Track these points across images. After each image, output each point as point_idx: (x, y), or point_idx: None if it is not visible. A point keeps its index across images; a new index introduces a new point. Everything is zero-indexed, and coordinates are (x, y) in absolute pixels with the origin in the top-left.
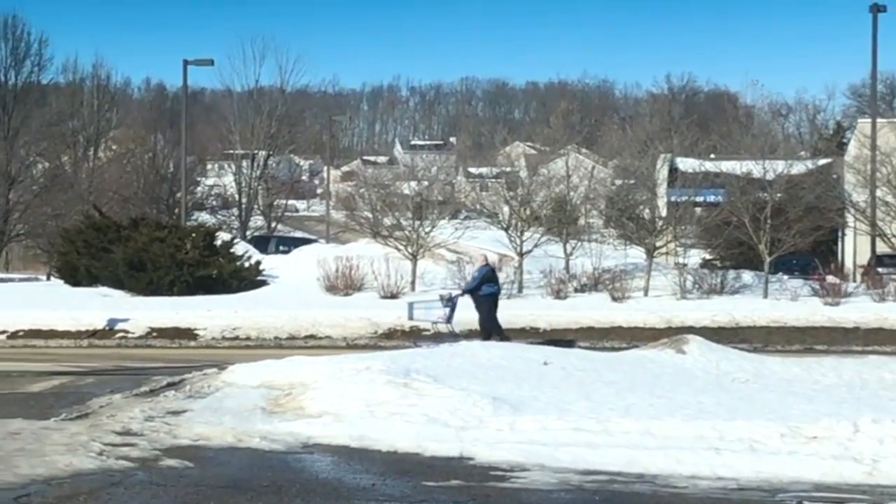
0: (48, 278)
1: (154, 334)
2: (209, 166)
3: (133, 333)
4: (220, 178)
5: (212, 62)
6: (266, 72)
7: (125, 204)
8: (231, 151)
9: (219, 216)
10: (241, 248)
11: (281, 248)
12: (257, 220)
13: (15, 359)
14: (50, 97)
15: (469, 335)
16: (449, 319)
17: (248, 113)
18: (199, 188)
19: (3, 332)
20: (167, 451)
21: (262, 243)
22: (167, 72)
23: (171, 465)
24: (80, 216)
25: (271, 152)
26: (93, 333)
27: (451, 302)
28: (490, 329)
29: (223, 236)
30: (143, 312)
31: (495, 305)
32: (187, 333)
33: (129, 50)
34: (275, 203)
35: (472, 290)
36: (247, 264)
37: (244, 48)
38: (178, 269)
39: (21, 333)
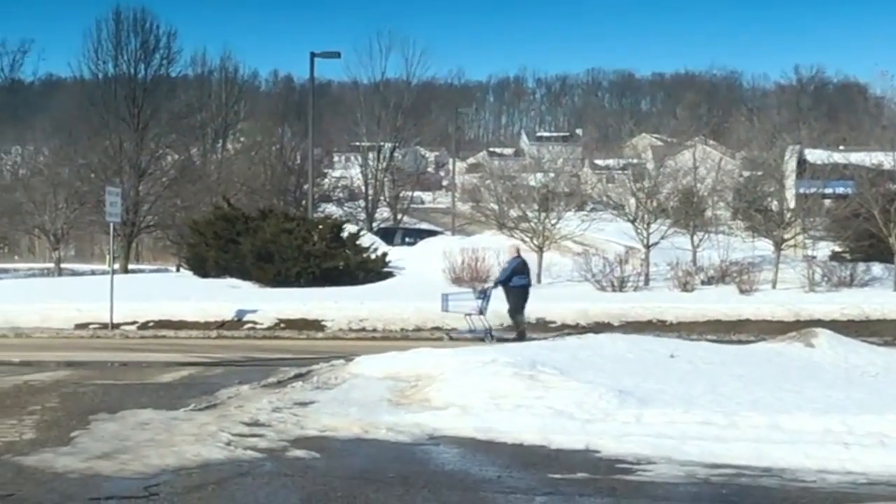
0: (177, 270)
1: (282, 325)
2: (336, 158)
3: (261, 324)
4: (347, 170)
5: (338, 55)
6: (392, 64)
7: (253, 196)
8: (357, 143)
9: (345, 208)
10: (367, 239)
11: (407, 239)
12: (383, 212)
13: (145, 349)
14: (179, 90)
15: (505, 329)
16: (482, 311)
17: (375, 105)
18: (325, 180)
19: (134, 322)
20: (294, 442)
21: (388, 235)
22: (294, 64)
23: (298, 455)
24: (208, 208)
25: (397, 144)
26: (221, 324)
27: (483, 294)
28: (514, 320)
29: (350, 228)
30: (270, 304)
31: (525, 297)
32: (314, 325)
33: (256, 43)
34: (401, 195)
35: (503, 282)
36: (373, 256)
37: (370, 41)
38: (305, 261)
39: (151, 324)
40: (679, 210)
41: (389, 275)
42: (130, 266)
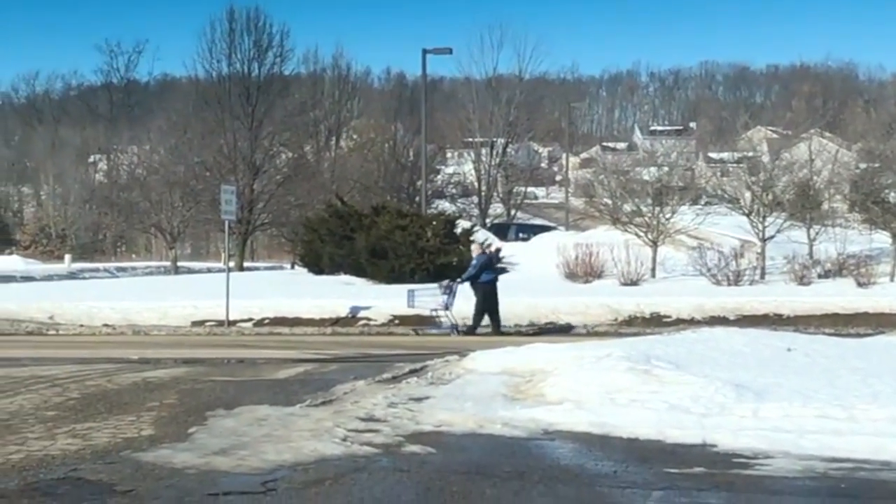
0: (292, 266)
1: (396, 322)
2: (449, 154)
3: (375, 321)
4: (460, 166)
5: (450, 51)
6: (504, 59)
7: (366, 192)
8: (470, 139)
9: (459, 204)
10: (480, 235)
11: (520, 235)
12: (497, 208)
13: (260, 346)
14: (292, 88)
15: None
16: (448, 307)
17: (487, 101)
18: (439, 176)
19: (249, 319)
20: (410, 437)
21: (501, 231)
22: (406, 61)
23: (414, 451)
24: (322, 205)
25: (510, 140)
26: (336, 321)
27: (449, 290)
28: (477, 318)
29: (463, 224)
30: (384, 300)
31: (494, 293)
32: (428, 320)
33: (368, 40)
34: (514, 190)
35: (471, 278)
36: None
37: (482, 36)
38: (419, 257)
39: (266, 321)
40: (795, 203)
41: (503, 270)
42: (246, 263)
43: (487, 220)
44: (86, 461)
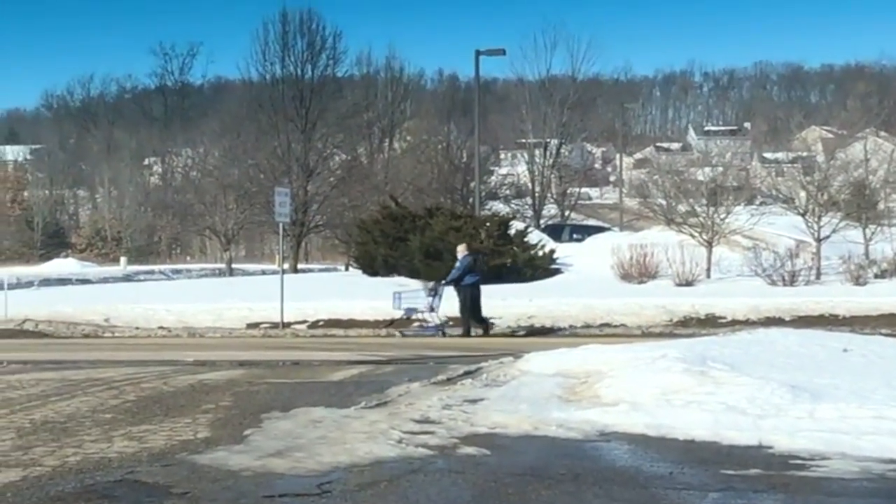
0: (346, 268)
1: (450, 323)
2: (502, 155)
3: (429, 322)
4: (513, 167)
5: (503, 52)
6: (557, 60)
7: (420, 194)
8: (524, 140)
9: (512, 205)
10: (534, 236)
11: (574, 236)
12: (550, 209)
13: (315, 348)
14: (345, 90)
15: (454, 325)
16: (433, 309)
17: (540, 102)
18: (492, 177)
19: (304, 321)
20: (465, 439)
21: (555, 231)
22: (459, 62)
23: (468, 452)
24: (376, 206)
25: (563, 140)
26: (390, 322)
27: (434, 291)
28: (466, 318)
29: (517, 225)
30: (441, 301)
31: (478, 295)
32: (405, 324)
33: (421, 41)
34: (568, 191)
35: (455, 280)
36: (540, 253)
37: (535, 37)
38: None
39: (321, 323)
40: (850, 203)
41: (557, 271)
42: (300, 265)
43: (541, 222)
44: (142, 463)
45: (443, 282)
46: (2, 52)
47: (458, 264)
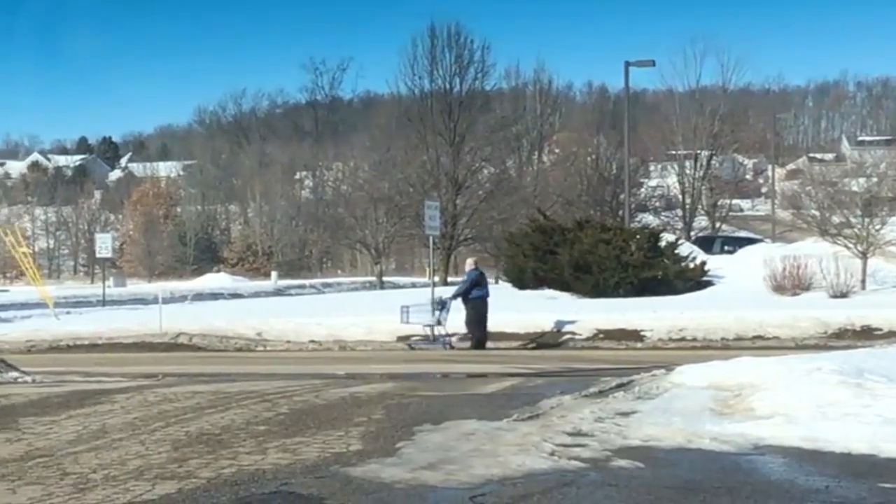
0: (496, 281)
1: (600, 336)
2: (652, 167)
3: (579, 335)
4: (664, 179)
5: (653, 63)
6: (708, 71)
7: (569, 206)
8: (674, 152)
9: (662, 217)
10: (685, 248)
11: (726, 248)
12: (701, 221)
13: (466, 361)
14: (494, 103)
15: (463, 339)
16: (440, 322)
17: (691, 113)
18: (642, 189)
19: (454, 334)
20: (617, 452)
21: (706, 243)
22: (608, 74)
23: (622, 465)
24: (525, 219)
25: (714, 152)
26: (540, 335)
27: (442, 305)
28: (474, 332)
29: (667, 237)
30: (588, 314)
31: (484, 309)
32: (633, 335)
33: (570, 54)
34: (719, 203)
35: (462, 294)
36: (691, 265)
37: (685, 48)
38: (623, 271)
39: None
40: None
41: (709, 284)
42: (450, 278)
43: (692, 234)
44: (296, 475)
45: (450, 296)
46: (155, 69)
47: (464, 279)
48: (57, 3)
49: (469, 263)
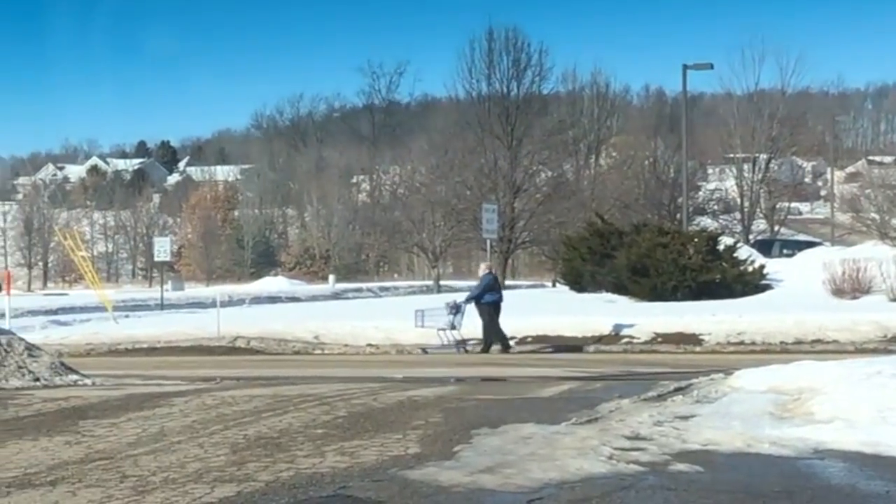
0: (553, 284)
1: (658, 339)
2: (710, 170)
3: (638, 339)
4: (721, 182)
5: (711, 66)
6: (766, 73)
7: (626, 210)
8: (732, 155)
9: (720, 220)
10: (743, 252)
11: (784, 251)
12: (759, 224)
13: (523, 364)
14: (551, 106)
15: (477, 343)
16: (454, 326)
17: (749, 116)
18: (699, 193)
19: (512, 337)
20: (676, 456)
21: (764, 247)
22: (666, 77)
23: (680, 469)
24: (582, 223)
25: (773, 154)
26: (598, 339)
27: (455, 309)
28: (490, 336)
29: (726, 241)
30: (647, 317)
31: (497, 313)
32: (691, 338)
33: (627, 57)
34: (777, 206)
35: (475, 298)
36: (750, 268)
37: (743, 50)
38: (681, 274)
39: (528, 339)
40: None
41: (767, 287)
42: (507, 281)
43: (750, 237)
44: (354, 478)
45: (463, 300)
46: (214, 73)
47: (478, 283)
48: (115, 9)
49: (483, 268)
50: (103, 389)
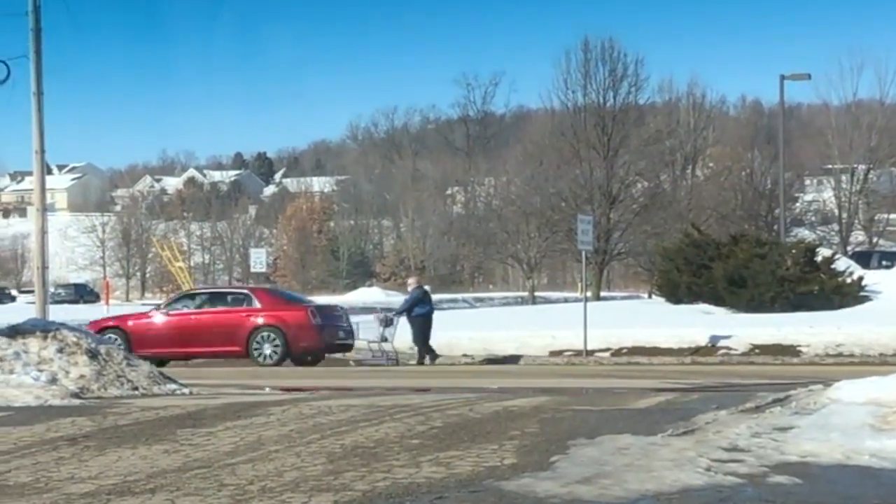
0: (649, 296)
1: (756, 351)
2: (807, 181)
3: (735, 350)
4: (819, 193)
5: (808, 76)
6: (865, 84)
7: (723, 221)
8: (829, 166)
9: (818, 232)
10: (841, 263)
11: (883, 262)
12: (858, 235)
13: (619, 376)
14: (647, 117)
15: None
16: (385, 339)
17: (847, 126)
18: (797, 204)
19: (607, 349)
20: (774, 468)
21: (863, 258)
22: (763, 88)
23: (779, 481)
24: (679, 234)
25: (871, 166)
26: (695, 350)
27: (386, 322)
28: (420, 348)
29: (823, 252)
30: (744, 329)
31: (428, 326)
32: (789, 350)
33: (724, 67)
34: (876, 217)
35: (405, 311)
36: (848, 280)
37: (841, 60)
38: (778, 286)
39: (624, 351)
40: None
41: (866, 299)
42: (602, 293)
43: (848, 248)
44: (450, 489)
45: (394, 313)
46: (309, 85)
47: (407, 297)
48: (209, 23)
49: (411, 282)
50: (200, 398)
